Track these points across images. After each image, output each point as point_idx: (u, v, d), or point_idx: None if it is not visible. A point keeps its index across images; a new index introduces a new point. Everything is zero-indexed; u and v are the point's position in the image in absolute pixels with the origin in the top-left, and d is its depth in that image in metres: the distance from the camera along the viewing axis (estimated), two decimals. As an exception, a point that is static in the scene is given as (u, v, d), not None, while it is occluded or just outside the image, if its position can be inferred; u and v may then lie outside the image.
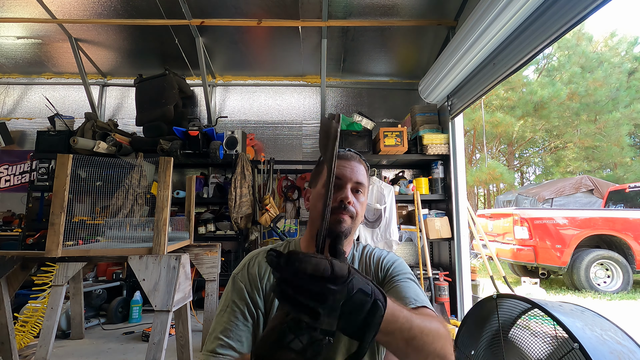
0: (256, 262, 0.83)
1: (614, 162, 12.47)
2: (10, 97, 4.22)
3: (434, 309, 2.95)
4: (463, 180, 3.27)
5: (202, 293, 3.10)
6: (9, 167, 4.05)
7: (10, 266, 1.71)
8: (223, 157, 3.49)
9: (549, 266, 4.98)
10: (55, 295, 2.30)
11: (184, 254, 1.81)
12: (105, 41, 3.62)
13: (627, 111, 11.29)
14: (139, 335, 2.75)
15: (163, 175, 1.80)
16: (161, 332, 1.65)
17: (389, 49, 3.73)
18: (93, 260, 2.01)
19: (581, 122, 12.18)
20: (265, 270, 0.81)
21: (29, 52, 3.81)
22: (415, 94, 3.79)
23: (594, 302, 4.46)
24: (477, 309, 1.41)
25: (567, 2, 1.74)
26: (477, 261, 6.69)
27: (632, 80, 11.94)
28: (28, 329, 2.51)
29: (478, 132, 12.47)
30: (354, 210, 0.82)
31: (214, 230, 3.51)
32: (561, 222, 4.98)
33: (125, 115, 4.16)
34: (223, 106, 4.22)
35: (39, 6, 3.12)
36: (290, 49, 3.71)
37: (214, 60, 3.90)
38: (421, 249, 3.33)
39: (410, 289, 0.76)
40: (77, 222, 1.98)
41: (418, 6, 3.07)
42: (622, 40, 12.87)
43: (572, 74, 11.77)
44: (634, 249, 4.86)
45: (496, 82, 2.46)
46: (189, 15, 3.17)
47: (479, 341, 1.34)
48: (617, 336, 1.06)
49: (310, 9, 3.11)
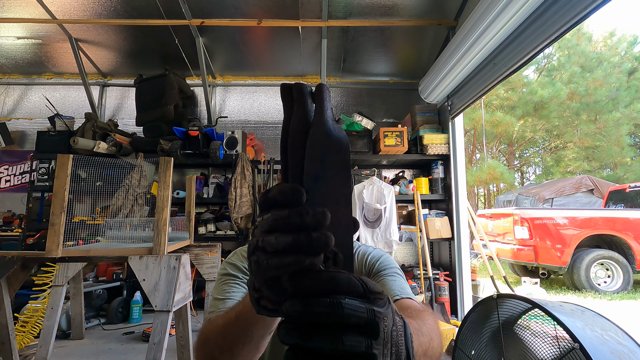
0: None
1: (614, 162, 12.48)
2: (11, 98, 4.22)
3: (435, 309, 2.93)
4: (463, 180, 3.27)
5: (202, 293, 3.10)
6: (9, 167, 4.05)
7: (10, 266, 1.71)
8: (223, 157, 3.49)
9: (549, 266, 4.98)
10: (56, 295, 2.30)
11: (184, 254, 1.81)
12: (106, 41, 3.62)
13: (627, 111, 11.30)
14: (139, 336, 2.75)
15: (163, 175, 1.80)
16: (161, 332, 1.65)
17: (389, 49, 3.73)
18: (93, 261, 2.01)
19: (581, 122, 12.19)
20: None
21: (29, 53, 3.81)
22: (415, 94, 3.79)
23: (594, 302, 4.46)
24: (478, 309, 1.41)
25: (567, 2, 1.74)
26: (477, 261, 6.68)
27: (632, 80, 11.94)
28: (28, 329, 2.51)
29: (478, 132, 12.47)
30: None
31: (214, 230, 3.51)
32: (561, 222, 4.98)
33: (125, 116, 4.16)
34: (223, 106, 4.22)
35: (39, 6, 3.12)
36: (290, 49, 3.71)
37: (214, 60, 3.90)
38: (421, 249, 3.33)
39: (396, 282, 0.78)
40: (78, 222, 1.98)
41: (418, 6, 3.07)
42: (622, 39, 12.87)
43: (572, 73, 11.78)
44: (634, 248, 4.86)
45: (496, 82, 2.46)
46: (189, 15, 3.17)
47: (480, 341, 1.34)
48: (618, 336, 1.06)
49: (310, 9, 3.11)
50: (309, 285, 0.28)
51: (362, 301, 0.27)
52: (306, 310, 0.26)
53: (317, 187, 0.32)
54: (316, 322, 0.27)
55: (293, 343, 0.27)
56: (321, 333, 0.26)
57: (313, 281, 0.28)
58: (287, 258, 0.29)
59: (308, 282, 0.28)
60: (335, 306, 0.26)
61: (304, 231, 0.29)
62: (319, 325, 0.27)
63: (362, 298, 0.28)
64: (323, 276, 0.28)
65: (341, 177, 0.33)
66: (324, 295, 0.27)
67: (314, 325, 0.27)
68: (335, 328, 0.26)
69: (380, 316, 0.28)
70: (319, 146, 0.32)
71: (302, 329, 0.27)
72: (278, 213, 0.30)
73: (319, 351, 0.26)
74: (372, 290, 0.29)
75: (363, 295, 0.28)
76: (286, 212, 0.29)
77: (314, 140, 0.32)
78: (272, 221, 0.30)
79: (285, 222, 0.29)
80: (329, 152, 0.33)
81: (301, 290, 0.28)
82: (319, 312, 0.26)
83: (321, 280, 0.28)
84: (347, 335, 0.26)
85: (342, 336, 0.26)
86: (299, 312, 0.27)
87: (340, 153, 0.33)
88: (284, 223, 0.29)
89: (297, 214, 0.29)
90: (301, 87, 0.33)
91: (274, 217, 0.30)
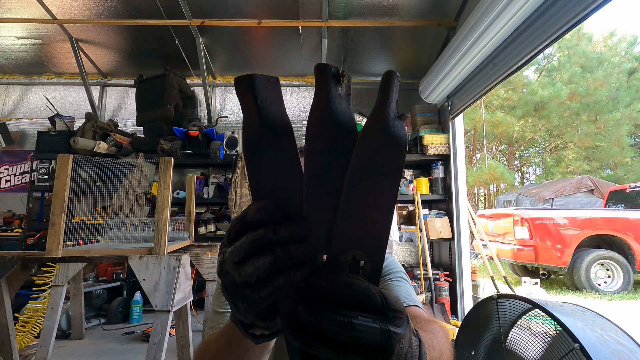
0: None
1: (614, 162, 12.48)
2: (11, 98, 4.22)
3: (435, 309, 2.92)
4: (463, 180, 3.27)
5: (203, 293, 3.10)
6: (10, 167, 4.05)
7: (10, 266, 1.71)
8: (223, 157, 3.49)
9: (549, 266, 4.98)
10: (56, 295, 2.30)
11: (184, 254, 1.81)
12: (106, 41, 3.62)
13: (627, 111, 11.30)
14: (139, 336, 2.75)
15: (163, 175, 1.80)
16: (161, 332, 1.64)
17: (389, 49, 3.73)
18: (93, 261, 2.01)
19: (581, 122, 12.19)
20: None
21: (29, 53, 3.81)
22: (415, 94, 3.79)
23: (594, 302, 4.46)
24: (478, 309, 1.41)
25: (567, 2, 1.74)
26: (477, 261, 6.68)
27: (632, 80, 11.95)
28: (28, 329, 2.51)
29: (478, 132, 12.48)
30: None
31: (214, 230, 3.51)
32: (561, 222, 4.98)
33: (125, 116, 4.16)
34: (223, 106, 4.22)
35: (39, 6, 3.12)
36: (290, 49, 3.71)
37: (214, 60, 3.90)
38: (421, 249, 3.33)
39: (402, 288, 0.76)
40: (78, 222, 1.98)
41: (418, 6, 3.07)
42: (622, 39, 12.88)
43: (572, 73, 11.79)
44: (635, 249, 4.86)
45: (496, 82, 2.46)
46: (189, 15, 3.17)
47: (479, 341, 1.34)
48: (618, 336, 1.06)
49: (310, 9, 3.11)
50: (324, 287, 0.25)
51: (378, 319, 0.25)
52: (313, 323, 0.24)
53: (359, 189, 0.28)
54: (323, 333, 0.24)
55: (297, 346, 0.25)
56: (327, 344, 0.24)
57: (328, 283, 0.25)
58: (276, 281, 0.26)
59: (324, 284, 0.25)
60: (345, 326, 0.23)
61: (279, 245, 0.26)
62: (327, 336, 0.24)
63: (379, 314, 0.25)
64: (340, 281, 0.25)
65: (390, 180, 0.29)
66: (337, 301, 0.25)
67: (321, 335, 0.24)
68: (343, 344, 0.24)
69: (397, 337, 0.24)
70: (373, 143, 0.28)
71: (307, 335, 0.24)
72: (253, 234, 0.27)
73: None
74: (392, 307, 0.25)
75: (380, 311, 0.25)
76: (261, 231, 0.26)
77: (368, 135, 0.28)
78: (246, 245, 0.27)
79: (261, 243, 0.26)
80: (382, 151, 0.28)
81: (314, 291, 0.25)
82: (326, 327, 0.24)
83: (337, 286, 0.25)
84: (355, 355, 0.24)
85: (349, 354, 0.24)
86: (307, 320, 0.24)
87: (395, 153, 0.29)
88: (260, 245, 0.26)
89: (271, 230, 0.26)
90: (323, 68, 0.29)
91: (248, 240, 0.27)
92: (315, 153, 0.29)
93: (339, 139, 0.29)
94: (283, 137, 0.30)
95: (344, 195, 0.28)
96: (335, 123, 0.29)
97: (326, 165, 0.29)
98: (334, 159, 0.29)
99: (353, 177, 0.28)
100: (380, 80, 0.29)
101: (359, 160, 0.28)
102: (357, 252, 0.28)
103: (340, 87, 0.29)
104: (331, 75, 0.29)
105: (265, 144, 0.29)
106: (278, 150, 0.29)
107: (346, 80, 0.29)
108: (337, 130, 0.29)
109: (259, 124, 0.28)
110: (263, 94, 0.28)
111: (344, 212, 0.28)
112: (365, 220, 0.28)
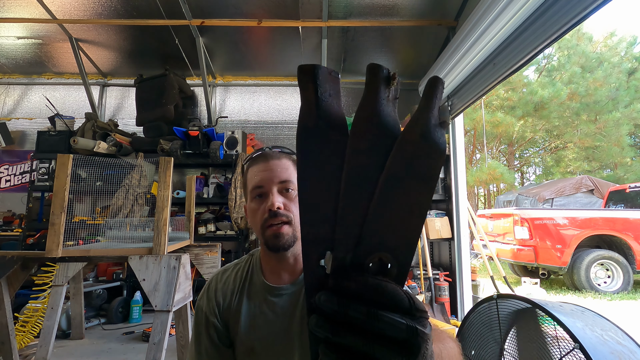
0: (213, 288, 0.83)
1: (614, 162, 12.48)
2: (11, 97, 4.22)
3: (435, 309, 2.93)
4: (463, 180, 3.27)
5: (202, 293, 3.10)
6: (9, 167, 4.05)
7: (10, 266, 1.71)
8: (223, 157, 3.50)
9: (549, 266, 4.98)
10: (56, 295, 2.30)
11: (184, 254, 1.81)
12: (106, 41, 3.63)
13: (627, 111, 11.30)
14: (139, 336, 2.75)
15: (163, 175, 1.80)
16: (161, 332, 1.64)
17: (389, 49, 3.73)
18: (93, 260, 2.01)
19: (581, 122, 12.19)
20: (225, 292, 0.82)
21: (29, 52, 3.81)
22: (415, 94, 3.79)
23: (594, 303, 4.46)
24: (478, 309, 1.41)
25: (567, 2, 1.74)
26: (477, 261, 6.68)
27: (632, 80, 11.95)
28: (28, 329, 2.51)
29: (478, 132, 12.48)
30: (288, 214, 0.73)
31: (214, 230, 3.51)
32: (561, 222, 4.98)
33: (125, 115, 4.16)
34: (223, 106, 4.22)
35: (39, 6, 3.12)
36: (290, 49, 3.71)
37: (214, 60, 3.90)
38: (421, 249, 3.33)
39: None
40: (78, 222, 1.99)
41: (418, 6, 3.07)
42: (622, 40, 12.88)
43: (572, 74, 11.79)
44: (634, 249, 4.86)
45: (496, 82, 2.46)
46: (189, 15, 3.17)
47: (479, 341, 1.34)
48: (618, 336, 1.06)
49: (310, 9, 3.11)
50: (352, 288, 0.25)
51: (406, 317, 0.24)
52: (340, 311, 0.24)
53: (394, 192, 0.28)
54: (349, 322, 0.24)
55: (322, 336, 0.25)
56: (354, 333, 0.24)
57: (357, 284, 0.25)
58: None
59: (352, 285, 0.25)
60: (372, 316, 0.24)
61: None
62: (353, 325, 0.24)
63: (407, 315, 0.25)
64: (368, 282, 0.25)
65: (425, 186, 0.28)
66: (365, 302, 0.25)
67: (347, 324, 0.24)
68: (370, 335, 0.24)
69: (425, 337, 0.24)
70: (411, 147, 0.28)
71: (334, 324, 0.25)
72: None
73: (350, 349, 0.24)
74: (418, 308, 0.25)
75: (408, 312, 0.25)
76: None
77: (407, 140, 0.28)
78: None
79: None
80: (420, 156, 0.28)
81: (342, 290, 0.25)
82: (353, 316, 0.24)
83: (365, 286, 0.25)
84: (381, 346, 0.24)
85: (375, 344, 0.24)
86: (333, 310, 0.25)
87: (433, 159, 0.28)
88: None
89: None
90: (376, 69, 0.29)
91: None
92: (359, 151, 0.29)
93: (381, 140, 0.29)
94: (336, 131, 0.30)
95: (377, 196, 0.28)
96: (380, 124, 0.29)
97: (368, 165, 0.29)
98: (375, 159, 0.29)
99: (389, 180, 0.28)
100: (425, 86, 0.29)
101: (395, 164, 0.28)
102: (385, 254, 0.28)
103: (389, 90, 0.29)
104: (382, 77, 0.29)
105: (319, 135, 0.29)
106: (330, 144, 0.29)
107: (396, 84, 0.30)
108: (381, 131, 0.29)
109: (316, 115, 0.29)
110: (324, 86, 0.29)
111: (376, 214, 0.28)
112: (396, 224, 0.28)
